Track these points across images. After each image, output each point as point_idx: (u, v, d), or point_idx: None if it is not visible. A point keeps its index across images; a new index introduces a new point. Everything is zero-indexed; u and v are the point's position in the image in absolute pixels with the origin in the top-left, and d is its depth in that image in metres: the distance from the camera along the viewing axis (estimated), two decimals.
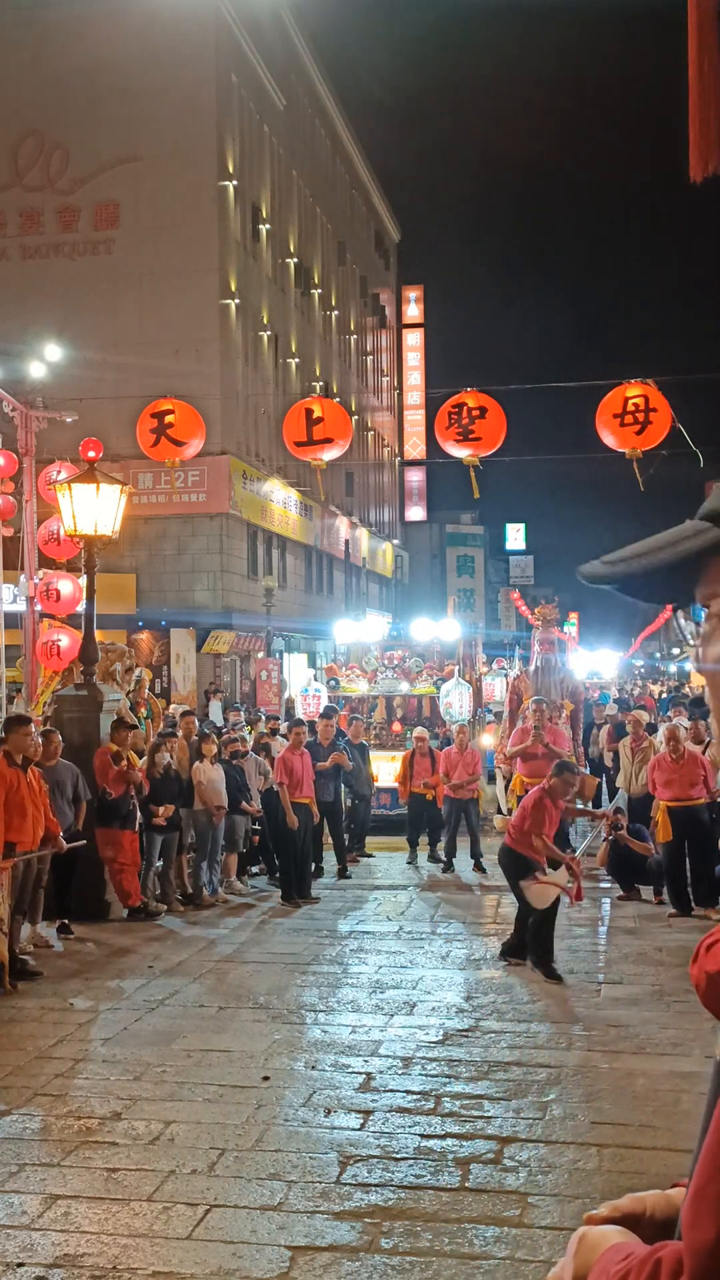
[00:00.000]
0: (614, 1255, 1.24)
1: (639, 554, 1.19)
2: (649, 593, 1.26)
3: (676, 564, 1.16)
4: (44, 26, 30.11)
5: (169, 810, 11.66)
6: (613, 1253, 1.25)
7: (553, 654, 15.43)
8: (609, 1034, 7.61)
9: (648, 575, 1.18)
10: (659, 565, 1.17)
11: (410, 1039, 7.52)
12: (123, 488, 12.33)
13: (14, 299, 29.64)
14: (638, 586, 1.23)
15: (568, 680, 15.28)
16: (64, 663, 15.18)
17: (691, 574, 1.19)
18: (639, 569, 1.18)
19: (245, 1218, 5.05)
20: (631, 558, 1.19)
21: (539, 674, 15.11)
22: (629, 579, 1.20)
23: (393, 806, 16.22)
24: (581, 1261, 1.29)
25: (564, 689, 14.86)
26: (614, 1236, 1.30)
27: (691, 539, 1.15)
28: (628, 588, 1.23)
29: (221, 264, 31.13)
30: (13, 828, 9.00)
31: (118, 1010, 8.20)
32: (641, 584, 1.22)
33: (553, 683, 14.91)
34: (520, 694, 15.26)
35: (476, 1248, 4.78)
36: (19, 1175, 5.50)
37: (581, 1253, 1.30)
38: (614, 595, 1.28)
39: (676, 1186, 1.39)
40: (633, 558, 1.19)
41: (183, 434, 15.41)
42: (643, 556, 1.18)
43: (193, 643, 29.50)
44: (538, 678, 15.02)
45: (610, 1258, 1.24)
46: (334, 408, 15.19)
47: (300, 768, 12.52)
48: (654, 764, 11.86)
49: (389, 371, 53.70)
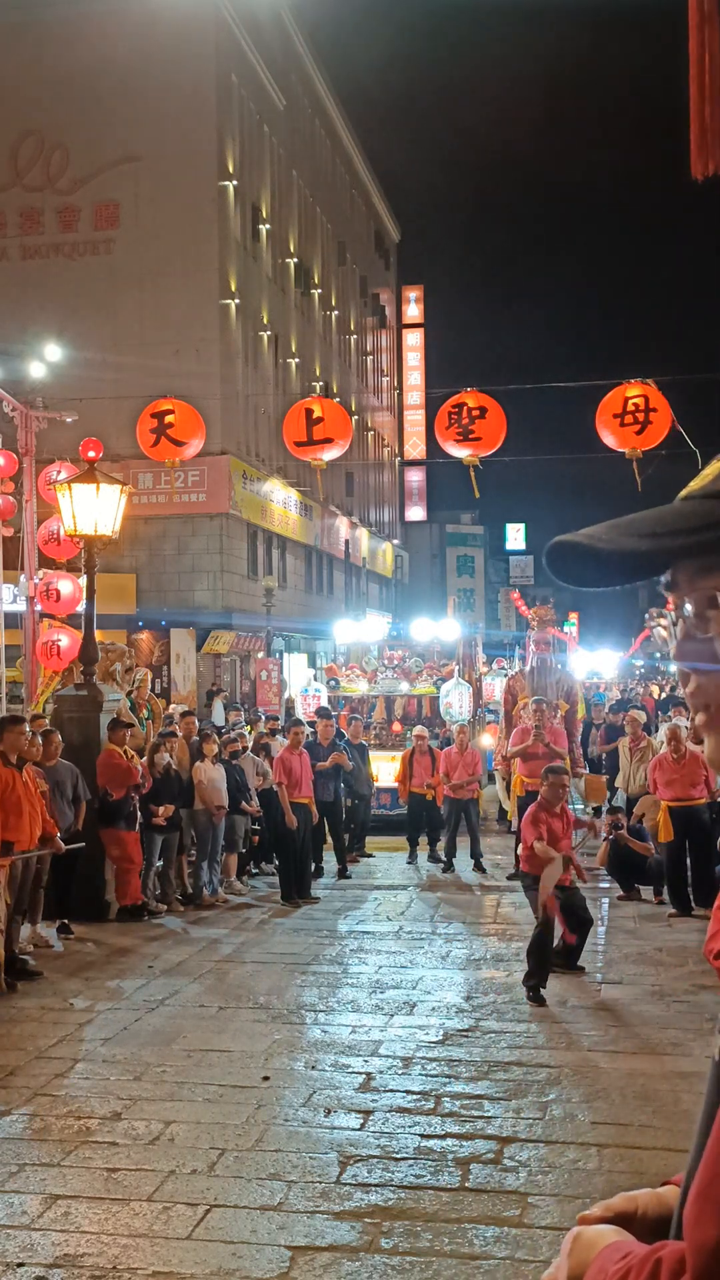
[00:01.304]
0: (612, 1254, 1.23)
1: (650, 533, 1.12)
2: (606, 578, 1.17)
3: (688, 551, 1.13)
4: (44, 26, 30.09)
5: (169, 810, 11.66)
6: (611, 1251, 1.24)
7: (549, 654, 15.43)
8: (609, 1034, 7.61)
9: (659, 556, 1.13)
10: (674, 551, 1.13)
11: (410, 1039, 7.52)
12: (123, 488, 12.33)
13: (14, 299, 29.64)
14: (600, 573, 1.15)
15: (564, 681, 15.27)
16: (64, 663, 15.18)
17: (660, 568, 1.16)
18: (653, 550, 1.12)
19: (245, 1218, 5.05)
20: (640, 535, 1.13)
21: (535, 674, 15.11)
22: (647, 556, 1.13)
23: (393, 806, 16.22)
24: (577, 1261, 1.29)
25: (560, 689, 14.86)
26: (610, 1235, 1.29)
27: (707, 530, 1.10)
28: (606, 569, 1.14)
29: (221, 264, 31.13)
30: (9, 827, 8.99)
31: (117, 1010, 8.19)
32: (605, 570, 1.14)
33: (549, 683, 14.91)
34: (516, 695, 15.26)
35: (476, 1248, 4.78)
36: (19, 1175, 5.49)
37: (577, 1252, 1.30)
38: (606, 591, 1.21)
39: (667, 1184, 1.39)
40: (643, 535, 1.12)
41: (183, 434, 15.40)
42: (656, 537, 1.12)
43: (193, 643, 29.49)
44: (533, 678, 15.03)
45: (609, 1256, 1.24)
46: (334, 408, 15.18)
47: (299, 768, 12.53)
48: (655, 764, 11.87)
49: (389, 371, 53.69)
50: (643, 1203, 1.37)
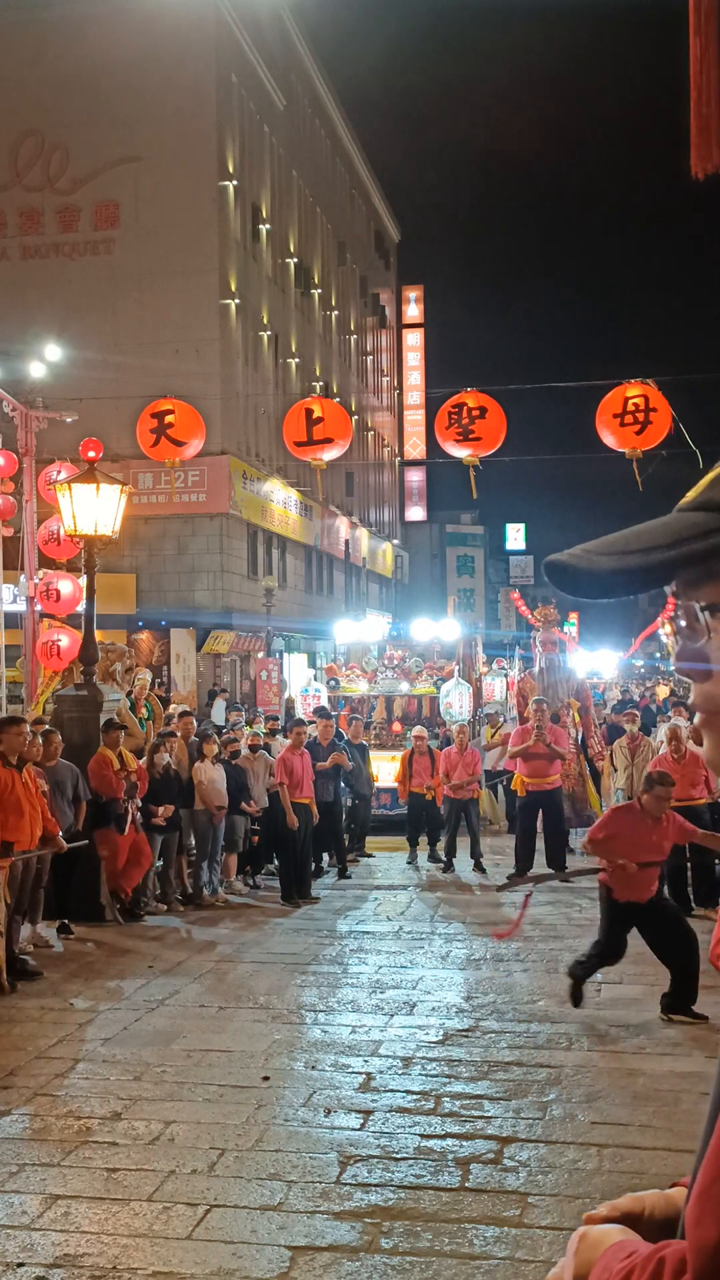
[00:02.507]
0: (616, 1254, 1.24)
1: (640, 549, 1.12)
2: (607, 591, 1.15)
3: (681, 563, 1.12)
4: (44, 26, 30.10)
5: (169, 811, 11.66)
6: (615, 1250, 1.24)
7: (555, 654, 15.48)
8: (609, 1034, 7.61)
9: (651, 572, 1.12)
10: (665, 564, 1.12)
11: (410, 1039, 7.52)
12: (123, 488, 12.32)
13: (14, 299, 29.66)
14: (601, 586, 1.14)
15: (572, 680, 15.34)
16: (64, 663, 15.18)
17: (663, 579, 1.15)
18: (643, 565, 1.12)
19: (245, 1218, 5.05)
20: (627, 552, 1.13)
21: (544, 675, 15.16)
22: (635, 573, 1.13)
23: (393, 806, 16.22)
24: (582, 1260, 1.29)
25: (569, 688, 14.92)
26: (615, 1235, 1.29)
27: (698, 540, 1.10)
28: (588, 586, 1.14)
29: (221, 264, 31.13)
30: (8, 827, 8.99)
31: (117, 1010, 8.19)
32: (606, 584, 1.13)
33: (558, 682, 14.97)
34: (526, 696, 15.30)
35: (476, 1248, 4.78)
36: (19, 1175, 5.49)
37: (582, 1252, 1.30)
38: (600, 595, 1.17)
39: (676, 1186, 1.39)
40: (630, 552, 1.12)
41: (183, 434, 15.41)
42: (646, 552, 1.12)
43: (193, 643, 29.50)
44: (543, 679, 15.07)
45: (613, 1256, 1.24)
46: (334, 408, 15.19)
47: (300, 768, 12.54)
48: (655, 764, 11.86)
49: (389, 371, 53.70)
50: (650, 1203, 1.37)
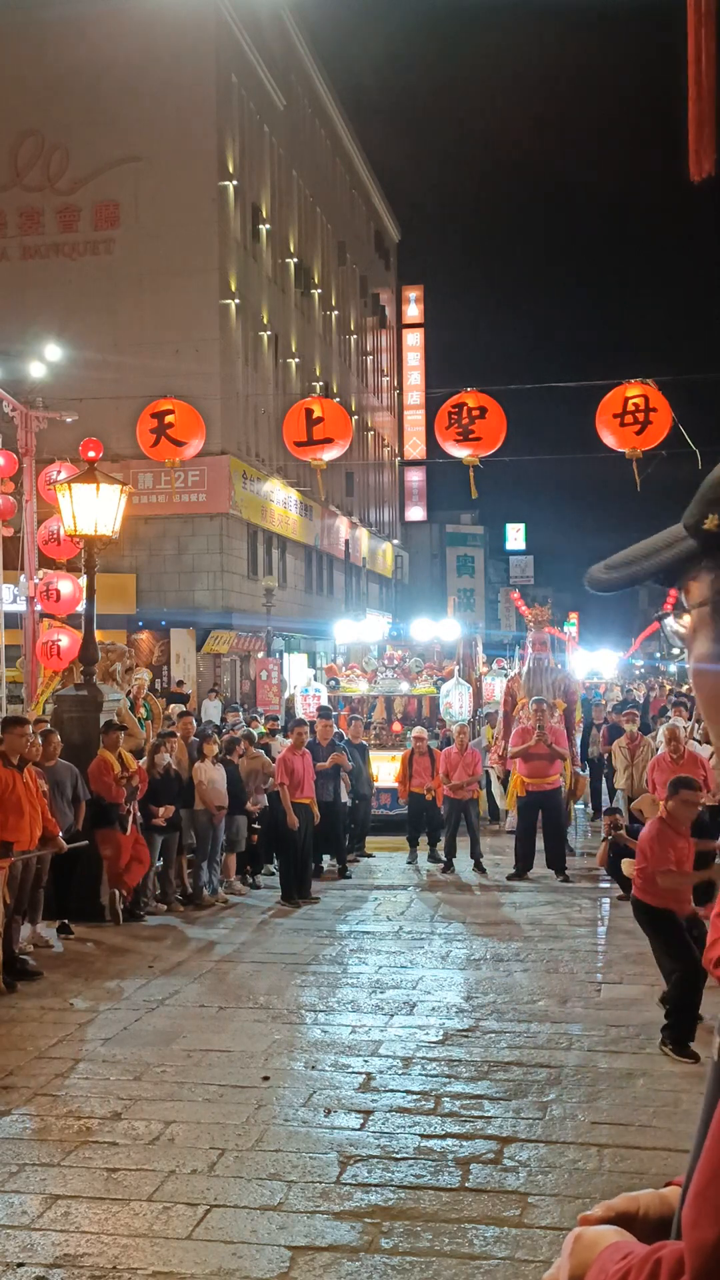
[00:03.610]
0: (613, 1254, 1.24)
1: (626, 562, 1.26)
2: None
3: (657, 573, 1.22)
4: (44, 26, 30.09)
5: (169, 811, 11.66)
6: (611, 1251, 1.25)
7: (546, 654, 15.47)
8: (609, 1034, 7.61)
9: (634, 583, 1.26)
10: (642, 575, 1.24)
11: (410, 1039, 7.52)
12: (123, 488, 12.33)
13: (14, 299, 29.65)
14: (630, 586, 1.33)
15: (561, 680, 15.33)
16: (64, 663, 15.19)
17: (671, 580, 1.25)
18: (624, 579, 1.26)
19: (245, 1218, 5.05)
20: (620, 565, 1.27)
21: (532, 675, 15.17)
22: (621, 585, 1.28)
23: (393, 806, 16.22)
24: (578, 1261, 1.29)
25: (556, 689, 14.91)
26: (610, 1236, 1.29)
27: (666, 550, 1.20)
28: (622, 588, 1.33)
29: (221, 264, 31.13)
30: (8, 828, 9.00)
31: (117, 1010, 8.20)
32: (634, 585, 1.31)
33: (546, 683, 14.97)
34: (515, 695, 15.30)
35: (476, 1248, 4.78)
36: (19, 1175, 5.50)
37: (578, 1252, 1.30)
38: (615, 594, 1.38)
39: (670, 1185, 1.39)
40: (621, 566, 1.27)
41: (183, 434, 15.41)
42: (629, 565, 1.25)
43: (193, 643, 29.50)
44: (531, 679, 15.08)
45: (609, 1257, 1.24)
46: (334, 408, 15.19)
47: (301, 768, 12.54)
48: (654, 764, 11.88)
49: (389, 371, 53.69)
50: (645, 1203, 1.37)
